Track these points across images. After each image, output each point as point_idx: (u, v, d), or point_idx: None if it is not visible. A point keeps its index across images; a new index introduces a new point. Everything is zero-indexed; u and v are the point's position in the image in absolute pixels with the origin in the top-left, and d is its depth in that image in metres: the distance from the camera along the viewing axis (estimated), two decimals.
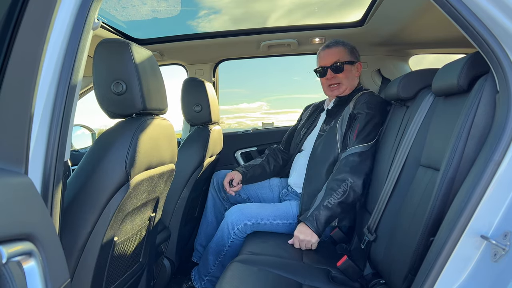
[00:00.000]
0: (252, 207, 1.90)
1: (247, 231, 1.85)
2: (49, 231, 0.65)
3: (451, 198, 0.99)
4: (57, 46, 0.78)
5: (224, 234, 1.87)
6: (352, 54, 2.03)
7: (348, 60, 2.01)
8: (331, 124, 1.95)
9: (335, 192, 1.67)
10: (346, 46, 2.03)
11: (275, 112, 7.71)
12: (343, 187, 1.68)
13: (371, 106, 1.84)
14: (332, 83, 2.02)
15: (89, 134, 2.58)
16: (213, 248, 1.91)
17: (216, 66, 2.88)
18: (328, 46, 2.05)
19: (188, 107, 2.04)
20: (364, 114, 1.83)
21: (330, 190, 1.69)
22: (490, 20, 0.86)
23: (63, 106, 0.79)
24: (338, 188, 1.68)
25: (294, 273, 1.42)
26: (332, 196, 1.67)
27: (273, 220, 1.85)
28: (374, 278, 1.45)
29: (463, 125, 0.99)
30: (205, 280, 1.94)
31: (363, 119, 1.81)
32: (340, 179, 1.70)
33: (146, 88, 1.13)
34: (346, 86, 2.01)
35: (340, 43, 2.04)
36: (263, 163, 2.25)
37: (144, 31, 2.54)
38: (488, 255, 0.85)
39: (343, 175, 1.70)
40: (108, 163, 1.03)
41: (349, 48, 2.03)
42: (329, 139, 1.90)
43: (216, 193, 2.27)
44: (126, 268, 1.30)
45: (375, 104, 1.86)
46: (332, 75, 2.01)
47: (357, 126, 1.81)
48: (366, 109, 1.84)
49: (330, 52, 2.03)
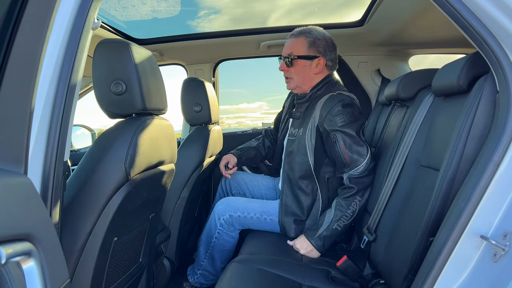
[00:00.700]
0: (240, 200, 1.89)
1: (234, 224, 1.83)
2: (48, 231, 0.65)
3: (451, 198, 0.99)
4: (56, 45, 0.78)
5: (211, 225, 1.87)
6: (311, 48, 1.75)
7: (303, 54, 1.75)
8: (299, 132, 1.78)
9: (346, 214, 1.62)
10: (308, 37, 1.75)
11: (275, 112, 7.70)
12: (353, 206, 1.63)
13: (342, 119, 1.63)
14: (286, 75, 1.84)
15: (89, 134, 2.58)
16: (203, 240, 1.93)
17: (216, 66, 2.88)
18: (291, 35, 1.82)
19: (188, 107, 2.04)
20: (340, 132, 1.62)
21: (339, 212, 1.63)
22: (490, 20, 0.86)
23: (62, 106, 0.79)
24: (349, 210, 1.62)
25: (294, 273, 1.42)
26: (343, 218, 1.62)
27: (260, 216, 1.82)
28: (374, 278, 1.45)
29: (463, 125, 0.99)
30: (198, 274, 1.95)
31: (344, 137, 1.62)
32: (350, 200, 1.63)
33: (146, 88, 1.13)
34: (296, 84, 1.81)
35: (304, 33, 1.77)
36: (259, 145, 2.25)
37: (144, 31, 2.54)
38: (488, 255, 0.85)
39: (352, 195, 1.63)
40: (108, 163, 1.03)
41: (310, 40, 1.75)
42: (299, 149, 1.76)
43: (224, 194, 2.28)
44: (126, 268, 1.30)
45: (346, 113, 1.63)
46: (284, 68, 1.81)
47: (342, 147, 1.63)
48: (340, 123, 1.62)
49: (289, 42, 1.81)
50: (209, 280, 1.95)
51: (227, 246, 1.87)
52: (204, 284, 1.96)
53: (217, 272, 1.92)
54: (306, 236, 1.67)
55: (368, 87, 2.66)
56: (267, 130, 2.34)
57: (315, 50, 1.76)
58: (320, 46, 1.76)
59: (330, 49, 1.79)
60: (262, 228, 1.86)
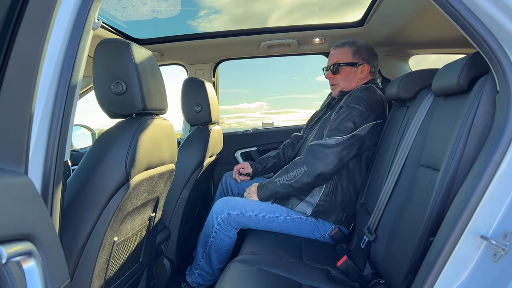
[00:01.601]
0: (237, 199, 1.91)
1: (232, 223, 1.84)
2: (49, 231, 0.65)
3: (451, 198, 0.99)
4: (57, 46, 0.78)
5: (209, 224, 1.88)
6: (355, 56, 1.97)
7: (348, 62, 1.97)
8: (326, 115, 2.00)
9: (286, 174, 1.79)
10: (352, 47, 1.98)
11: (276, 112, 7.71)
12: (296, 172, 1.77)
13: (355, 100, 1.80)
14: (331, 83, 2.05)
15: (89, 134, 2.58)
16: (201, 239, 1.94)
17: (216, 66, 2.88)
18: (335, 46, 2.04)
19: (188, 107, 2.04)
20: (345, 107, 1.80)
21: (285, 171, 1.81)
22: (490, 20, 0.86)
23: (63, 106, 0.79)
24: (291, 172, 1.78)
25: (294, 273, 1.42)
26: (283, 176, 1.80)
27: (258, 213, 1.84)
28: (374, 278, 1.45)
29: (463, 125, 0.99)
30: (196, 274, 1.95)
31: (343, 113, 1.79)
32: (297, 164, 1.78)
33: (146, 88, 1.13)
34: (342, 88, 2.00)
35: (348, 44, 2.00)
36: (278, 153, 2.33)
37: (144, 31, 2.54)
38: (488, 255, 0.85)
39: (301, 161, 1.78)
40: (108, 163, 1.03)
41: (354, 49, 1.97)
42: (321, 128, 1.93)
43: (224, 192, 2.28)
44: (126, 268, 1.30)
45: (361, 98, 1.81)
46: (330, 76, 2.03)
47: (334, 119, 1.81)
48: (350, 102, 1.81)
49: (334, 52, 2.03)
50: (207, 280, 1.95)
51: (223, 246, 1.87)
52: (202, 285, 1.95)
53: (215, 272, 1.92)
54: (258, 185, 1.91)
55: None
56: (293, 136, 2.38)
57: (359, 57, 1.97)
58: (364, 54, 1.97)
59: (373, 57, 2.00)
60: (260, 226, 1.87)
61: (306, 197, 1.84)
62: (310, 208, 1.83)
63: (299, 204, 1.84)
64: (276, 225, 1.86)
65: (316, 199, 1.84)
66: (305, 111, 6.83)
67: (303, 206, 1.84)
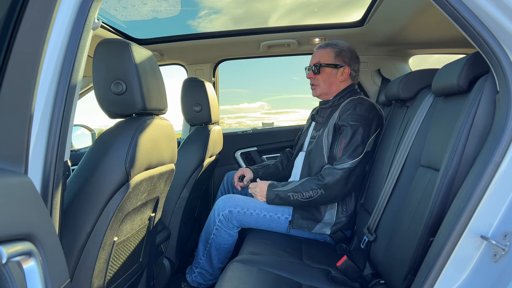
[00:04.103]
0: (240, 197, 1.92)
1: (233, 221, 1.84)
2: (49, 231, 0.65)
3: (451, 198, 0.99)
4: (57, 46, 0.78)
5: (211, 221, 1.88)
6: (338, 57, 1.94)
7: (330, 63, 1.93)
8: (319, 132, 1.92)
9: (303, 193, 1.75)
10: (334, 48, 1.95)
11: (276, 112, 7.71)
12: (312, 193, 1.74)
13: (355, 118, 1.76)
14: (312, 83, 2.02)
15: (89, 134, 2.58)
16: (203, 237, 1.94)
17: (216, 66, 2.88)
18: (318, 47, 2.02)
19: (188, 107, 2.04)
20: (349, 127, 1.75)
21: (301, 187, 1.76)
22: (490, 20, 0.86)
23: (63, 106, 0.79)
24: (308, 192, 1.74)
25: (294, 273, 1.42)
26: (299, 193, 1.76)
27: (259, 212, 1.84)
28: (374, 278, 1.45)
29: (463, 125, 0.99)
30: (196, 273, 1.95)
31: (348, 133, 1.74)
32: (315, 187, 1.74)
33: (146, 88, 1.13)
34: (322, 90, 1.97)
35: (331, 45, 1.97)
36: (277, 163, 2.33)
37: (144, 31, 2.54)
38: (488, 255, 0.85)
39: (319, 185, 1.73)
40: (108, 163, 1.03)
41: (336, 50, 1.94)
42: (317, 148, 1.88)
43: (226, 192, 2.29)
44: (126, 268, 1.30)
45: (360, 115, 1.77)
46: (311, 76, 1.99)
47: (342, 141, 1.75)
48: (351, 121, 1.76)
49: (316, 52, 2.00)
50: (207, 280, 1.95)
51: (224, 244, 1.87)
52: (202, 284, 1.95)
53: (215, 272, 1.92)
54: (269, 186, 1.86)
55: (368, 87, 2.66)
56: (286, 151, 2.41)
57: (341, 59, 1.94)
58: (346, 57, 1.95)
59: (355, 60, 1.98)
60: (261, 226, 1.87)
61: (321, 216, 1.83)
62: (328, 227, 1.83)
63: (316, 226, 1.83)
64: (277, 225, 1.86)
65: (333, 217, 1.82)
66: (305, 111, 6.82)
67: (321, 227, 1.83)
